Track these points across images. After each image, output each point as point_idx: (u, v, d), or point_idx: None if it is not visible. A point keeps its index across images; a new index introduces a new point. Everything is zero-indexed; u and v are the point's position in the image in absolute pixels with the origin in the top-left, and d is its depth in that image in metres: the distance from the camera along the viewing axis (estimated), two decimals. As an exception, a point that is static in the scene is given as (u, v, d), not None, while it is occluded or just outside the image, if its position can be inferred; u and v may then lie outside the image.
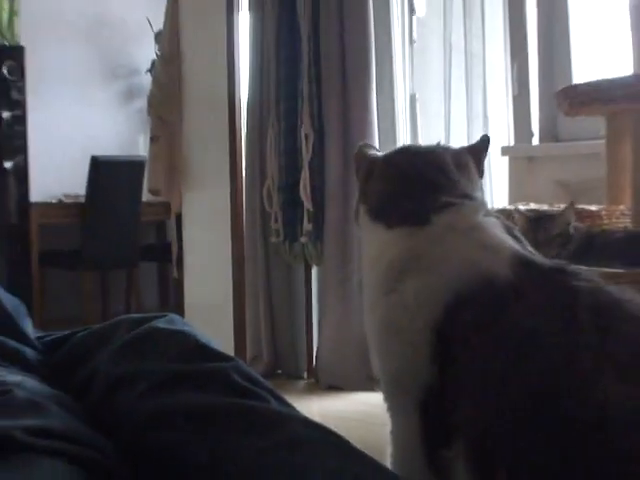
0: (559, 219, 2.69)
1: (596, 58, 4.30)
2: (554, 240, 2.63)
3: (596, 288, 1.03)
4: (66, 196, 7.08)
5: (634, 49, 2.90)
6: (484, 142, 1.33)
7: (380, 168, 1.28)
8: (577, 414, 0.91)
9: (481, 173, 1.30)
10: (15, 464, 0.97)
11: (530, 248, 1.15)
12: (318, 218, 4.79)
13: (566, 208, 2.71)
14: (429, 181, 1.21)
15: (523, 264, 1.08)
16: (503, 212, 2.80)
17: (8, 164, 2.15)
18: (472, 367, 1.02)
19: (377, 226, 1.22)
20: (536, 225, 2.69)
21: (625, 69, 2.93)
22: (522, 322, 1.00)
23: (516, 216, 2.77)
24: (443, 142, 1.36)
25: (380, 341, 1.18)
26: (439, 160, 1.25)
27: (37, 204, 6.37)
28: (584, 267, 2.16)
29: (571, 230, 2.66)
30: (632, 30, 2.90)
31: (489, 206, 1.30)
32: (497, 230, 1.15)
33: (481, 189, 1.28)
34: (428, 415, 1.11)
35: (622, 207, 2.99)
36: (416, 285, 1.12)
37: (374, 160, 1.31)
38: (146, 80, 7.29)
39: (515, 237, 1.16)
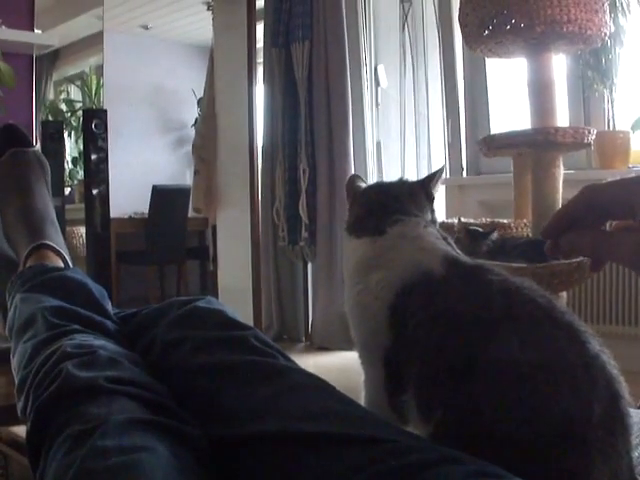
0: (487, 233, 2.68)
1: (507, 115, 4.31)
2: (482, 245, 2.63)
3: (504, 279, 1.03)
4: (135, 213, 7.08)
5: (531, 110, 2.90)
6: (434, 173, 1.33)
7: (358, 197, 1.29)
8: (489, 371, 0.92)
9: (430, 197, 1.30)
10: (100, 401, 0.97)
11: (458, 250, 1.16)
12: (312, 228, 4.81)
13: (495, 229, 2.70)
14: (386, 206, 1.22)
15: (451, 262, 1.09)
16: (442, 225, 2.81)
17: (95, 191, 2.18)
18: (416, 335, 1.03)
19: (350, 237, 1.22)
20: (471, 235, 2.68)
21: (526, 123, 2.93)
22: (450, 304, 1.00)
23: (456, 227, 2.77)
24: (404, 177, 1.36)
25: (353, 316, 1.19)
26: (395, 191, 1.25)
27: (115, 219, 6.32)
28: (498, 263, 2.17)
29: (493, 237, 2.65)
30: (529, 97, 2.91)
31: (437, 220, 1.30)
32: (433, 237, 1.15)
33: (432, 209, 1.28)
34: (388, 368, 1.12)
35: (525, 221, 2.99)
36: (377, 278, 1.12)
37: (356, 191, 1.31)
38: (191, 132, 7.29)
39: (448, 243, 1.17)
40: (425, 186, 1.31)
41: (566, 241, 0.80)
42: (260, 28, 5.04)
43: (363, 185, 1.35)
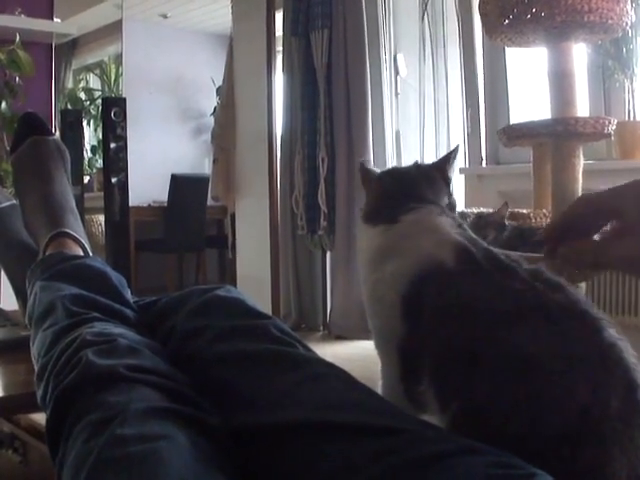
0: (496, 213, 2.70)
1: (526, 105, 4.29)
2: (491, 226, 2.63)
3: (518, 267, 1.03)
4: (154, 202, 7.11)
5: (551, 100, 2.89)
6: (449, 155, 1.32)
7: (374, 184, 1.29)
8: (502, 362, 0.92)
9: (447, 180, 1.29)
10: (120, 389, 0.98)
11: (474, 237, 1.15)
12: (331, 217, 4.82)
13: (502, 206, 2.72)
14: (401, 193, 1.22)
15: (464, 251, 1.08)
16: (460, 213, 2.80)
17: (114, 179, 2.19)
18: (429, 325, 1.03)
19: (366, 226, 1.22)
20: (480, 218, 2.70)
21: (546, 113, 2.92)
22: (462, 292, 1.00)
23: (469, 216, 2.77)
24: (419, 161, 1.35)
25: (369, 306, 1.19)
26: (410, 177, 1.25)
27: (134, 207, 6.32)
28: (518, 253, 2.16)
29: (506, 222, 2.67)
30: (549, 86, 2.89)
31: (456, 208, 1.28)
32: (447, 226, 1.14)
33: (449, 193, 1.27)
34: (404, 358, 1.12)
35: (544, 211, 2.98)
36: (391, 267, 1.12)
37: (372, 177, 1.31)
38: (210, 121, 7.31)
39: (463, 229, 1.16)
40: (441, 169, 1.29)
41: (562, 256, 0.84)
42: (279, 16, 5.04)
43: (377, 171, 1.34)
